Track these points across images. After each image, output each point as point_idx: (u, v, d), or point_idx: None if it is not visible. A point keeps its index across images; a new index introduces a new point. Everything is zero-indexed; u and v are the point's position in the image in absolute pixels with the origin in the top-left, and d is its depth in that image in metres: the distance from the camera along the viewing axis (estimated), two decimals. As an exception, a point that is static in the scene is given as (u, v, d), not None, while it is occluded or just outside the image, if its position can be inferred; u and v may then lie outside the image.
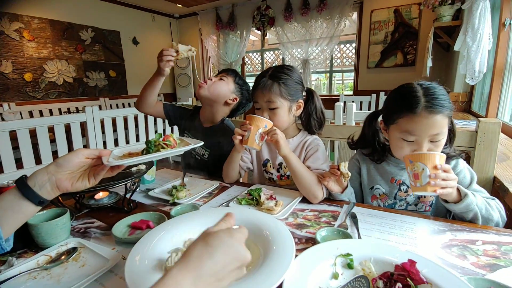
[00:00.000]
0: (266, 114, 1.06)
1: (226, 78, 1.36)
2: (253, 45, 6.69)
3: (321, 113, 1.15)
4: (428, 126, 0.80)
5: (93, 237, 0.79)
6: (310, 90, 1.15)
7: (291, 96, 1.06)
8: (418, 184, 0.74)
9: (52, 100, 4.26)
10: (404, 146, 0.86)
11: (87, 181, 0.63)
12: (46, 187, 0.57)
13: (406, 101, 0.82)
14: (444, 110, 0.79)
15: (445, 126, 0.81)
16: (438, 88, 0.83)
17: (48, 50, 4.15)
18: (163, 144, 0.74)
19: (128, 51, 5.14)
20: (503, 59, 2.14)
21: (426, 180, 0.72)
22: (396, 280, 0.50)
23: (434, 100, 0.79)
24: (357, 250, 0.60)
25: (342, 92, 5.71)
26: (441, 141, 0.83)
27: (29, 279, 0.61)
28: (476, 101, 2.87)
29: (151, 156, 0.70)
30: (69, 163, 0.60)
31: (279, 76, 1.05)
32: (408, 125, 0.82)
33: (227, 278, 0.38)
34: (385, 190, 1.00)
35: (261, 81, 1.06)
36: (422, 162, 0.73)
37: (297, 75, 1.09)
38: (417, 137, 0.82)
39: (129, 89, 5.22)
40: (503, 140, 1.71)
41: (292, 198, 0.98)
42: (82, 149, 0.62)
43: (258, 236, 0.65)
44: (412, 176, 0.76)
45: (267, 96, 1.04)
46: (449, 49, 3.36)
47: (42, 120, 2.18)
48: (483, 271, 0.60)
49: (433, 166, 0.73)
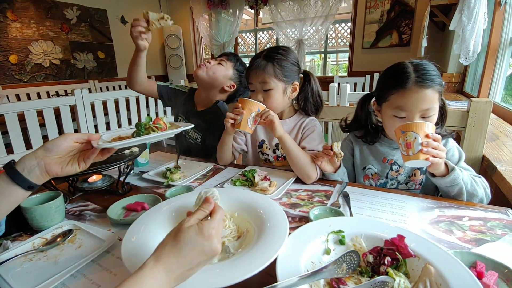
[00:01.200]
0: (260, 96, 1.05)
1: (226, 63, 1.32)
2: (246, 25, 6.50)
3: (318, 97, 1.14)
4: (418, 101, 0.81)
5: (88, 220, 0.79)
6: (306, 72, 1.13)
7: (286, 78, 1.04)
8: (411, 153, 0.75)
9: (40, 83, 4.13)
10: (396, 123, 0.87)
11: (77, 166, 0.62)
12: (35, 171, 0.56)
13: (397, 78, 0.84)
14: (434, 85, 0.81)
15: (435, 102, 0.83)
16: (428, 64, 0.84)
17: (32, 31, 3.97)
18: (153, 127, 0.74)
19: (116, 31, 4.95)
20: (497, 39, 2.13)
21: (419, 148, 0.73)
22: (385, 254, 0.52)
23: (424, 75, 0.81)
24: (349, 227, 0.61)
25: (337, 73, 5.67)
26: (432, 117, 0.84)
27: (25, 261, 0.61)
28: (469, 82, 2.89)
29: (141, 139, 0.70)
30: (57, 147, 0.59)
31: (274, 56, 1.03)
32: (399, 100, 0.84)
33: (197, 267, 0.43)
34: (377, 170, 1.02)
35: (255, 61, 1.04)
36: (414, 131, 0.75)
37: (293, 56, 1.07)
38: (408, 113, 0.83)
39: (119, 71, 5.08)
40: (493, 120, 1.73)
41: (286, 179, 0.99)
42: (70, 133, 0.61)
43: (253, 215, 0.67)
44: (404, 146, 0.76)
45: (261, 77, 1.03)
46: (445, 28, 3.32)
47: (30, 104, 2.13)
48: (469, 245, 0.62)
49: (424, 135, 0.74)
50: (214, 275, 0.47)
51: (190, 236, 0.42)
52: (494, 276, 0.48)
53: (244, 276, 0.45)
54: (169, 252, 0.42)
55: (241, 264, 0.49)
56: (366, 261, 0.53)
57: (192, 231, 0.43)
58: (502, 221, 0.71)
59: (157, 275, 0.40)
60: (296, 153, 0.96)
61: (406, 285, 0.46)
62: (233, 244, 0.59)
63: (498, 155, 1.09)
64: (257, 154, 1.22)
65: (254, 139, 1.21)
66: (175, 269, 0.41)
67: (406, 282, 0.47)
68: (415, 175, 0.98)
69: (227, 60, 1.33)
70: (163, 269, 0.40)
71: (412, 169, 0.98)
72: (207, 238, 0.43)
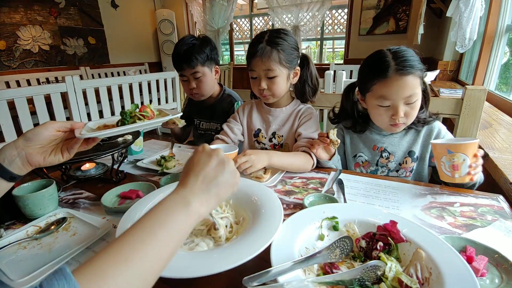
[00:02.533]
0: (264, 83, 1.01)
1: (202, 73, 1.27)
2: (241, 10, 6.34)
3: (316, 80, 1.13)
4: (400, 88, 0.82)
5: (82, 208, 0.79)
6: (305, 56, 1.10)
7: (289, 63, 1.02)
8: (457, 175, 0.71)
9: (29, 70, 4.01)
10: (381, 112, 0.89)
11: (61, 155, 0.60)
12: (17, 162, 0.54)
13: (377, 68, 0.85)
14: (414, 71, 0.82)
15: (417, 87, 0.83)
16: (407, 50, 0.85)
17: (20, 15, 3.82)
18: (140, 115, 0.71)
19: (107, 16, 4.79)
20: (493, 26, 2.12)
21: (466, 171, 0.70)
22: (378, 239, 0.53)
23: (403, 62, 0.82)
24: (342, 213, 0.62)
25: (333, 61, 5.60)
26: (416, 103, 0.85)
27: (20, 249, 0.61)
28: (464, 70, 2.89)
29: (126, 128, 0.67)
30: (38, 136, 0.57)
31: (277, 42, 0.98)
32: (382, 90, 0.85)
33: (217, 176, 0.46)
34: (367, 157, 1.03)
35: (258, 47, 0.98)
36: (463, 152, 0.70)
37: (294, 40, 1.04)
38: (392, 101, 0.85)
39: (111, 57, 4.95)
40: (487, 108, 1.75)
41: (281, 166, 0.99)
42: (52, 122, 0.59)
43: (247, 202, 0.67)
44: (448, 167, 0.72)
45: (266, 64, 0.98)
46: (442, 15, 3.28)
47: (20, 91, 2.07)
48: (460, 230, 0.64)
49: (473, 155, 0.70)
50: (210, 261, 0.48)
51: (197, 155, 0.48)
52: (484, 261, 0.49)
53: (239, 262, 0.46)
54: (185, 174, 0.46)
55: (236, 250, 0.50)
56: (359, 246, 0.54)
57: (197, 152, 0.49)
58: (492, 207, 0.72)
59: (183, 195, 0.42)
60: (291, 162, 0.94)
61: (397, 269, 0.47)
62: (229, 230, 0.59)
63: (491, 143, 1.10)
64: (253, 143, 1.21)
65: (250, 128, 1.20)
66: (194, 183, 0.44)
67: (397, 266, 0.48)
68: (406, 163, 0.99)
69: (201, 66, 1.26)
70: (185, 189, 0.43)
71: (403, 157, 0.99)
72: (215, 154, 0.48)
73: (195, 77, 1.27)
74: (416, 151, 0.97)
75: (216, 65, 1.35)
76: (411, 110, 0.86)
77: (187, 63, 1.24)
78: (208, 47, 1.27)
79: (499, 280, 0.48)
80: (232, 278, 0.48)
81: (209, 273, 0.44)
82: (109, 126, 0.71)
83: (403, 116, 0.86)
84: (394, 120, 0.87)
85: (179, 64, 1.25)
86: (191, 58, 1.23)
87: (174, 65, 1.29)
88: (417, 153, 0.97)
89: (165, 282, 0.50)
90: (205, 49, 1.26)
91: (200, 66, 1.25)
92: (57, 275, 0.28)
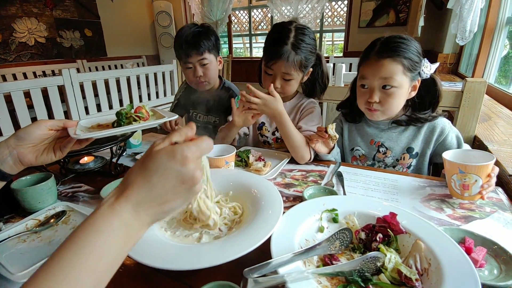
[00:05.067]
0: (278, 82, 1.01)
1: (208, 57, 1.25)
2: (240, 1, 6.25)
3: (326, 78, 1.12)
4: (376, 68, 0.85)
5: (82, 201, 0.79)
6: (318, 54, 1.08)
7: (306, 68, 1.02)
8: (466, 194, 0.69)
9: (25, 63, 3.97)
10: (361, 94, 0.92)
11: (53, 154, 0.59)
12: (8, 161, 0.53)
13: (366, 51, 0.90)
14: (394, 55, 0.83)
15: (396, 73, 0.83)
16: (398, 37, 0.85)
17: (15, 7, 3.76)
18: (135, 117, 0.70)
19: (103, 7, 4.71)
20: (494, 19, 2.10)
21: (477, 191, 0.68)
22: (377, 231, 0.53)
23: (386, 46, 0.85)
24: (342, 206, 0.62)
25: (332, 53, 5.56)
26: (393, 91, 0.85)
27: (19, 243, 0.61)
28: (464, 62, 2.87)
29: (121, 130, 0.67)
30: (30, 135, 0.55)
31: (301, 46, 0.96)
32: (362, 70, 0.89)
33: (173, 200, 0.35)
34: (364, 151, 1.03)
35: (283, 51, 0.95)
36: (476, 174, 0.67)
37: (314, 41, 1.02)
38: (369, 81, 0.87)
39: (108, 50, 4.89)
40: (486, 101, 1.75)
41: (280, 159, 0.99)
42: (44, 120, 0.57)
43: (247, 194, 0.67)
44: (459, 186, 0.69)
45: (287, 69, 0.97)
46: (442, 7, 3.25)
47: (17, 84, 2.05)
48: (459, 222, 0.64)
49: (486, 175, 0.67)
50: (210, 253, 0.48)
51: (161, 161, 0.34)
52: (483, 252, 0.50)
53: (239, 254, 0.46)
54: (134, 181, 0.34)
55: (236, 242, 0.50)
56: (359, 238, 0.54)
57: (162, 154, 0.34)
58: (491, 199, 0.73)
59: (120, 213, 0.32)
60: (292, 132, 0.94)
61: (396, 260, 0.47)
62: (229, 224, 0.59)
63: (490, 136, 1.10)
64: (257, 136, 1.21)
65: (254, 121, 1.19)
66: (143, 201, 0.33)
67: (396, 257, 0.48)
68: (403, 159, 0.98)
69: (208, 53, 1.24)
70: (128, 204, 0.33)
71: (401, 153, 0.98)
72: (181, 162, 0.34)
73: (202, 63, 1.23)
74: (415, 147, 0.96)
75: (219, 55, 1.33)
76: (388, 98, 0.86)
77: (195, 49, 1.20)
78: (213, 35, 1.25)
79: (498, 271, 0.48)
80: (232, 270, 0.48)
81: (210, 265, 0.44)
82: (103, 125, 0.70)
83: (377, 101, 0.87)
84: (369, 103, 0.89)
85: (186, 50, 1.21)
86: (199, 44, 1.20)
87: (177, 54, 1.25)
88: (417, 149, 0.96)
89: (166, 274, 0.51)
90: (211, 37, 1.24)
91: (207, 53, 1.23)
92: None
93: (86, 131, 0.66)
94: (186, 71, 1.28)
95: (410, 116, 0.95)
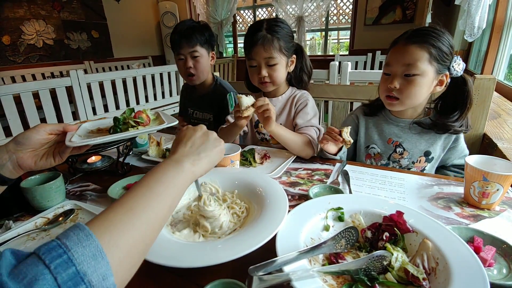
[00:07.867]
0: (264, 71, 1.02)
1: (200, 53, 1.28)
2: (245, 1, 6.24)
3: (310, 67, 1.16)
4: (401, 53, 0.83)
5: (89, 200, 0.80)
6: (298, 45, 1.13)
7: (287, 51, 1.03)
8: (484, 202, 0.67)
9: (34, 65, 4.04)
10: (383, 81, 0.89)
11: (52, 159, 0.59)
12: (7, 166, 0.53)
13: (396, 38, 0.87)
14: (421, 41, 0.81)
15: (420, 60, 0.81)
16: (431, 27, 0.84)
17: (23, 10, 3.83)
18: (133, 122, 0.67)
19: (110, 9, 4.77)
20: (503, 15, 2.06)
21: (496, 200, 0.66)
22: (384, 230, 0.53)
23: (415, 33, 0.83)
24: (348, 204, 0.62)
25: (338, 52, 5.52)
26: (414, 79, 0.83)
27: (28, 240, 0.62)
28: (472, 59, 2.82)
29: (117, 136, 0.64)
30: (29, 140, 0.55)
31: (276, 30, 1.00)
32: (388, 57, 0.88)
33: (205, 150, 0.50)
34: (380, 150, 1.00)
35: (258, 35, 0.98)
36: (500, 183, 0.64)
37: (289, 28, 1.06)
38: (392, 68, 0.85)
39: (115, 51, 4.95)
40: (496, 98, 1.71)
41: (286, 158, 0.99)
42: (43, 125, 0.57)
43: (252, 193, 0.67)
44: (478, 193, 0.67)
45: (268, 52, 0.99)
46: (450, 3, 3.20)
47: (25, 85, 2.08)
48: (467, 221, 0.63)
49: (509, 185, 0.65)
50: (216, 251, 0.48)
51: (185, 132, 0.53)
52: (492, 251, 0.49)
53: (244, 252, 0.46)
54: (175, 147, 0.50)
55: (242, 240, 0.50)
56: (365, 236, 0.54)
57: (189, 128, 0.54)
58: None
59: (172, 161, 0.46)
60: (291, 139, 0.95)
61: (403, 259, 0.47)
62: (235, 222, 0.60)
63: (499, 133, 1.08)
64: (255, 134, 1.21)
65: (251, 118, 1.20)
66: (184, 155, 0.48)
67: (403, 256, 0.47)
68: (419, 162, 0.95)
69: (200, 47, 1.28)
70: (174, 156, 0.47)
71: (418, 156, 0.95)
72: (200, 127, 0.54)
73: (193, 55, 1.28)
74: (433, 152, 0.93)
75: (213, 51, 1.37)
76: (408, 85, 0.83)
77: (187, 41, 1.25)
78: (208, 31, 1.30)
79: (507, 270, 0.47)
80: (237, 268, 0.48)
81: (215, 262, 0.44)
82: (103, 130, 0.69)
83: (397, 87, 0.84)
84: (389, 90, 0.87)
85: (178, 42, 1.27)
86: (191, 37, 1.25)
87: (172, 45, 1.30)
88: (433, 154, 0.93)
89: (172, 272, 0.51)
90: (205, 32, 1.29)
91: (199, 46, 1.28)
92: (72, 228, 0.31)
93: (88, 134, 0.66)
94: (178, 63, 1.33)
95: (435, 122, 0.90)
